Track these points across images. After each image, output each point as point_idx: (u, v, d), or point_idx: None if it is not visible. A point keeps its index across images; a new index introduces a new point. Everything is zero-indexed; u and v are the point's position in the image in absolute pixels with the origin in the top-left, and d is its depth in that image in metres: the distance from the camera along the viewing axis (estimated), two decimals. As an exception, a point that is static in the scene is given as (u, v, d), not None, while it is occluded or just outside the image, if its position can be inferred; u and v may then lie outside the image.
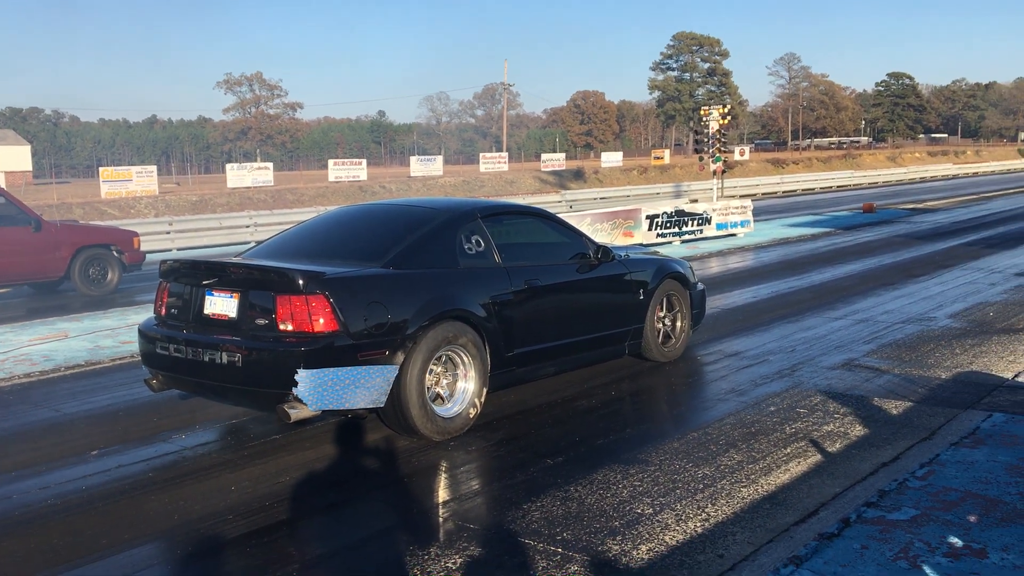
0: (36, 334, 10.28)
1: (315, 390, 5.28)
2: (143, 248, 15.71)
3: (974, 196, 35.48)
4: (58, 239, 14.24)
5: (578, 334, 7.03)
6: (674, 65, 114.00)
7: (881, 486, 4.73)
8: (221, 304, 5.74)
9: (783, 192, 46.74)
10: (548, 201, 35.65)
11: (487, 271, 6.38)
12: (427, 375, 5.79)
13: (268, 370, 5.38)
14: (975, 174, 63.79)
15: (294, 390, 5.24)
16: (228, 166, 46.83)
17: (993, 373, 7.30)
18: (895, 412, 6.31)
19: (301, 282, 5.40)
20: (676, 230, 19.77)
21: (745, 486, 4.96)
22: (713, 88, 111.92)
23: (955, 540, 3.98)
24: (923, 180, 57.49)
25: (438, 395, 5.97)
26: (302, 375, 5.23)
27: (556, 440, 5.87)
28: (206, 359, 5.59)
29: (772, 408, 6.49)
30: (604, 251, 7.32)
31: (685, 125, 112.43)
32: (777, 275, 13.99)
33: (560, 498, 4.83)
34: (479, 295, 6.19)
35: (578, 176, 58.32)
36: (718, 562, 4.01)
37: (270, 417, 6.31)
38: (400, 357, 5.63)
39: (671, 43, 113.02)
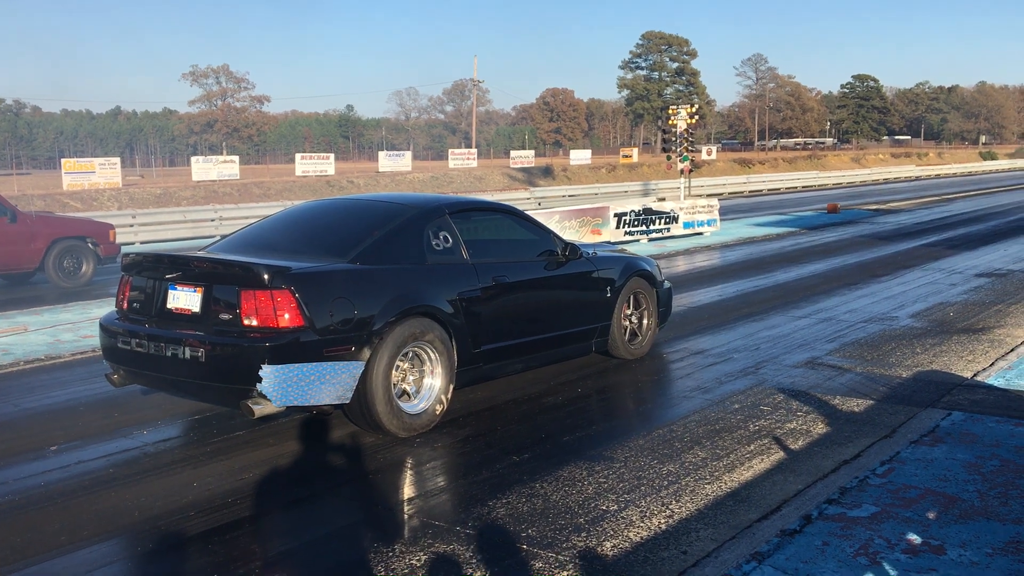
0: (-6, 327, 10.10)
1: (280, 386, 5.23)
2: (118, 240, 15.57)
3: (936, 198, 36.03)
4: (33, 230, 14.13)
5: (545, 331, 7.04)
6: (643, 64, 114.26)
7: (842, 483, 4.79)
8: (184, 298, 5.67)
9: (749, 192, 47.15)
10: (517, 198, 35.66)
11: (455, 267, 6.37)
12: (393, 371, 5.77)
13: (232, 365, 5.32)
14: (937, 176, 64.76)
15: (258, 386, 5.20)
16: (193, 159, 46.22)
17: (953, 372, 7.41)
18: (857, 410, 6.39)
19: (266, 277, 5.35)
20: (644, 228, 19.88)
21: (709, 483, 5.00)
22: (681, 88, 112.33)
23: (914, 537, 4.04)
24: (886, 181, 58.27)
25: (404, 391, 5.95)
26: (266, 371, 5.19)
27: (522, 437, 5.88)
28: (169, 354, 5.52)
29: (736, 406, 6.55)
30: (572, 248, 7.34)
31: (653, 124, 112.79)
32: (742, 274, 14.11)
33: (526, 495, 4.83)
34: (446, 291, 6.18)
35: (547, 173, 58.38)
36: (681, 558, 4.04)
37: (233, 413, 6.25)
38: (366, 353, 5.60)
39: (640, 42, 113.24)
